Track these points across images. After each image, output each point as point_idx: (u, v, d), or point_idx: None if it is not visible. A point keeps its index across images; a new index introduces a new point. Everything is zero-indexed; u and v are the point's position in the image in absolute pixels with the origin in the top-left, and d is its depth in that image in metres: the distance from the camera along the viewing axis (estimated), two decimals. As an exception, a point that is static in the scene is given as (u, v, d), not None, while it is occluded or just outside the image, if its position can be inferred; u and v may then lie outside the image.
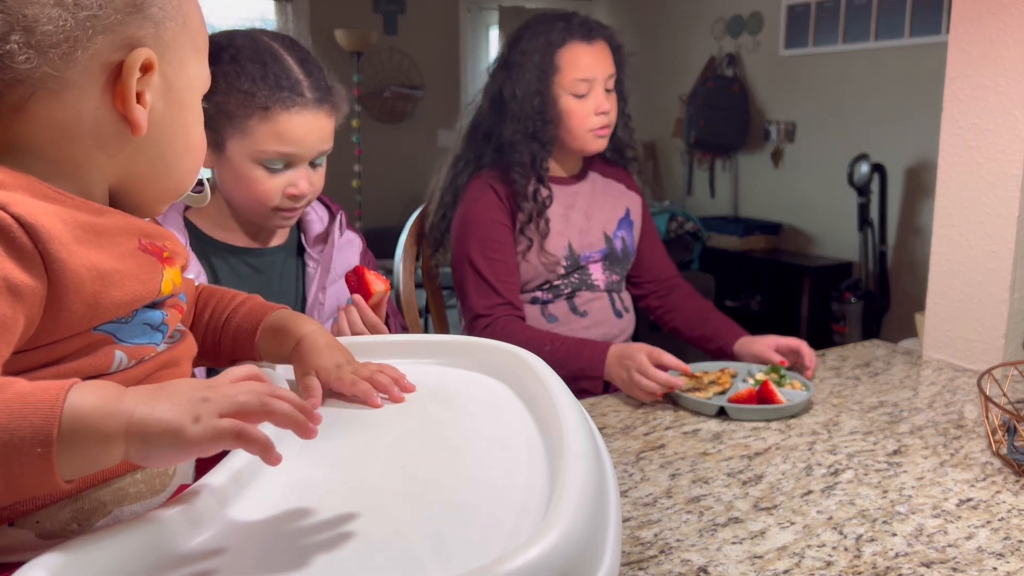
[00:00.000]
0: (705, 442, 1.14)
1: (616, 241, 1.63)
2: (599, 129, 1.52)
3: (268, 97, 1.03)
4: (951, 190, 1.50)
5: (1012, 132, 1.38)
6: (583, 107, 1.49)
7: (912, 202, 3.67)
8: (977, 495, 0.97)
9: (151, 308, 0.64)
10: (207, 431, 0.48)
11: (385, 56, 4.85)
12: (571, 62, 1.48)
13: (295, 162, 1.08)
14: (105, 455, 0.48)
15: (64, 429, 0.46)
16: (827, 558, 0.83)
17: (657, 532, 0.88)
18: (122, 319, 0.61)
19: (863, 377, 1.44)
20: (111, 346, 0.60)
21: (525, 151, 1.50)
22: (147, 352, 0.64)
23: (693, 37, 4.72)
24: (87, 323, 0.58)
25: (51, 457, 0.45)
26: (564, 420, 0.62)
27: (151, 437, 0.48)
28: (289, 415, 0.52)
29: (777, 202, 4.31)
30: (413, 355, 0.86)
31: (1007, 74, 1.38)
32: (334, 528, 0.53)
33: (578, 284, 1.59)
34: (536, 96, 1.49)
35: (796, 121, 4.20)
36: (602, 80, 1.50)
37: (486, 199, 1.52)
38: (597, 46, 1.51)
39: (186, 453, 0.49)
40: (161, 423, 0.48)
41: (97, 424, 0.47)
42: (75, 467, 0.47)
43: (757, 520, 0.91)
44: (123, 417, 0.48)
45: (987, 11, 1.39)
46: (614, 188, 1.68)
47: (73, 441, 0.46)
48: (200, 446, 0.49)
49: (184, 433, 0.48)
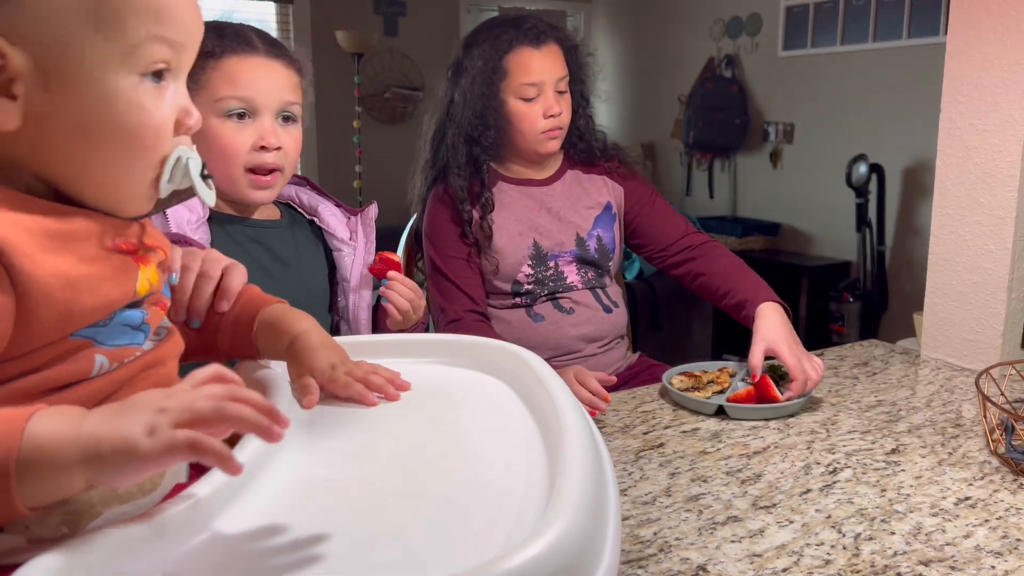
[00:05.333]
0: (704, 441, 1.14)
1: (590, 241, 1.63)
2: (549, 131, 1.54)
3: (218, 46, 1.07)
4: (949, 190, 1.50)
5: (1009, 132, 1.39)
6: (532, 110, 1.52)
7: (910, 202, 3.67)
8: (975, 494, 0.98)
9: (130, 308, 0.62)
10: (159, 444, 0.47)
11: (386, 57, 4.86)
12: (518, 66, 1.51)
13: (255, 110, 1.09)
14: (66, 482, 0.47)
15: (21, 461, 0.46)
16: (826, 556, 0.83)
17: (656, 530, 0.89)
18: (100, 322, 0.59)
19: (861, 376, 1.44)
20: (91, 350, 0.59)
21: (464, 154, 1.53)
22: (130, 353, 0.62)
23: (692, 38, 4.72)
24: (61, 331, 0.57)
25: (10, 490, 0.45)
26: (564, 419, 0.62)
27: (105, 456, 0.47)
28: (248, 419, 0.50)
29: (776, 202, 4.31)
30: (413, 355, 0.86)
31: (1005, 75, 1.38)
32: (334, 527, 0.53)
33: (555, 287, 1.59)
34: (479, 100, 1.51)
35: (794, 122, 4.20)
36: (551, 83, 1.52)
37: (441, 200, 1.57)
38: (546, 49, 1.52)
39: (143, 469, 0.48)
40: (113, 440, 0.47)
41: (53, 454, 0.46)
42: (37, 496, 0.47)
43: (756, 519, 0.91)
44: (79, 443, 0.47)
45: (985, 12, 1.40)
46: (592, 185, 1.67)
47: (30, 472, 0.46)
48: (155, 460, 0.47)
49: (138, 449, 0.47)
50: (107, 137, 0.59)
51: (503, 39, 1.51)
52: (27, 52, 0.55)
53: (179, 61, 0.63)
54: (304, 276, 1.19)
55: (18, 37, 0.55)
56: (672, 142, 4.90)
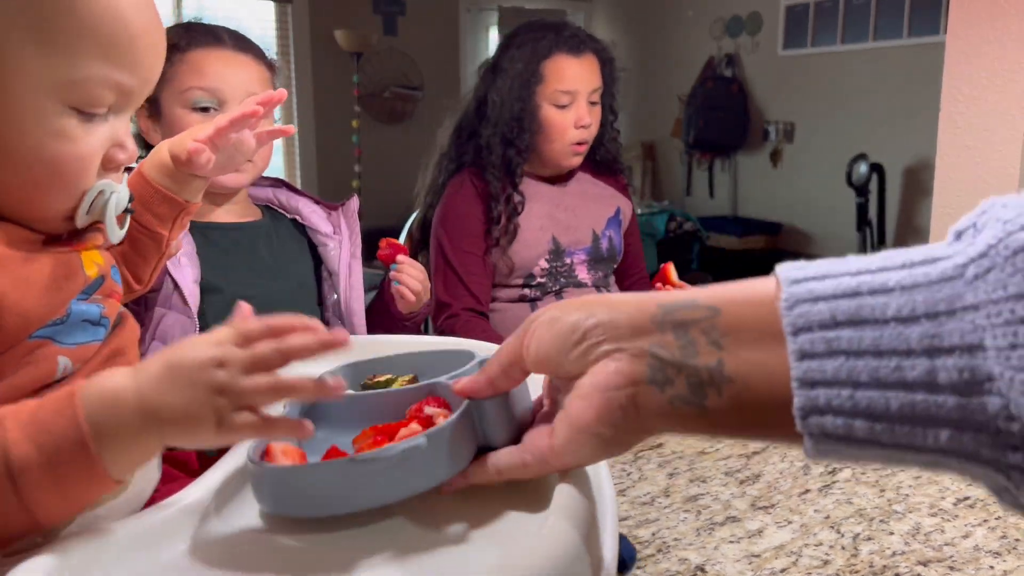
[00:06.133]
0: (703, 441, 1.14)
1: (603, 240, 1.64)
2: (577, 144, 1.55)
3: (183, 39, 1.07)
4: (949, 189, 1.50)
5: (1009, 131, 1.38)
6: (564, 118, 1.52)
7: (910, 201, 3.67)
8: (974, 494, 0.97)
9: (85, 303, 0.60)
10: (226, 434, 0.46)
11: (385, 57, 4.85)
12: (555, 73, 1.51)
13: (222, 102, 1.09)
14: (141, 442, 0.47)
15: (91, 427, 0.45)
16: (824, 557, 0.83)
17: (655, 531, 0.88)
18: (58, 320, 0.57)
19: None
20: (51, 350, 0.57)
21: (500, 155, 1.54)
22: (90, 352, 0.61)
23: (692, 37, 4.72)
24: (21, 333, 0.55)
25: (92, 459, 0.45)
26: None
27: (166, 425, 0.46)
28: (308, 391, 0.47)
29: (776, 202, 4.31)
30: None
31: (1004, 74, 1.38)
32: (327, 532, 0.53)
33: (565, 283, 1.60)
34: (517, 102, 1.52)
35: (795, 121, 4.20)
36: (585, 93, 1.53)
37: (464, 193, 1.55)
38: (584, 59, 1.53)
39: (202, 445, 0.48)
40: (174, 413, 0.46)
41: (119, 414, 0.46)
42: (118, 463, 0.46)
43: (755, 519, 0.91)
44: (139, 405, 0.46)
45: (985, 12, 1.39)
46: (604, 189, 1.69)
47: (104, 438, 0.45)
48: (217, 443, 0.47)
49: (200, 432, 0.46)
50: (23, 159, 0.54)
51: (542, 44, 1.51)
52: None
53: (126, 102, 0.58)
54: (291, 272, 1.20)
55: None
56: (672, 141, 4.90)
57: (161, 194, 0.74)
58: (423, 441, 0.50)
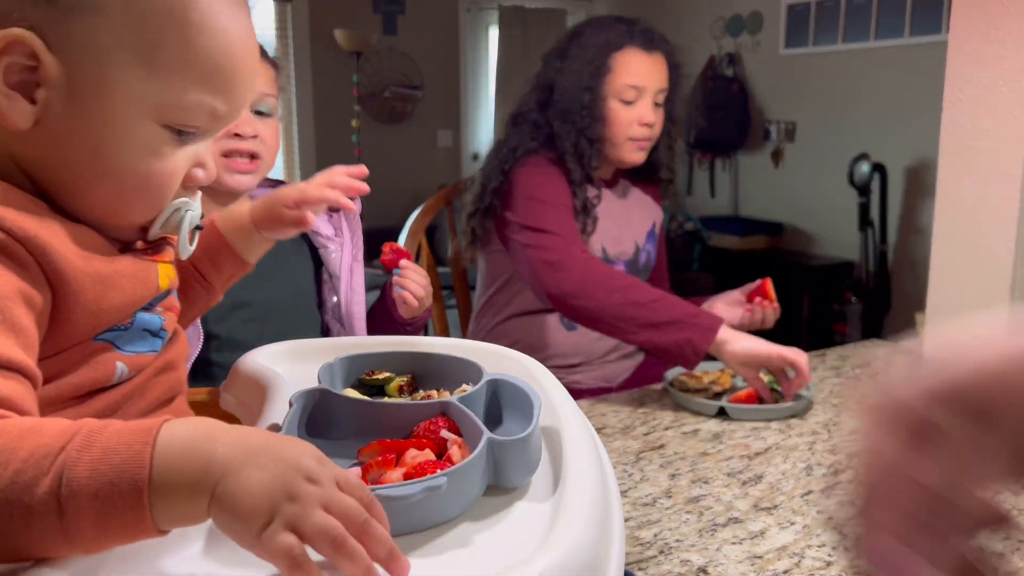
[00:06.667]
0: (705, 442, 1.14)
1: (642, 254, 1.62)
2: (640, 141, 1.50)
3: None
4: (951, 189, 1.49)
5: (1012, 131, 1.38)
6: (628, 114, 1.47)
7: (912, 202, 3.67)
8: (977, 495, 0.97)
9: (148, 312, 0.62)
10: (265, 546, 0.42)
11: (385, 56, 4.85)
12: (624, 66, 1.47)
13: None
14: (194, 505, 0.43)
15: (155, 477, 0.42)
16: (827, 558, 0.83)
17: (657, 532, 0.88)
18: (121, 326, 0.59)
19: (863, 377, 1.44)
20: (112, 355, 0.59)
21: (573, 145, 1.48)
22: (147, 361, 0.63)
23: (693, 36, 4.71)
24: (90, 331, 0.57)
25: (143, 506, 0.42)
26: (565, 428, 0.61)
27: (219, 500, 0.42)
28: (367, 570, 0.42)
29: (777, 202, 4.31)
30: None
31: (1007, 74, 1.38)
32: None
33: None
34: (586, 92, 1.47)
35: (796, 121, 4.20)
36: (652, 92, 1.48)
37: (545, 169, 1.48)
38: (655, 56, 1.49)
39: (239, 542, 0.43)
40: (232, 492, 0.42)
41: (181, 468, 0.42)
42: (166, 514, 0.43)
43: (757, 520, 0.91)
44: (204, 465, 0.42)
45: (987, 11, 1.39)
46: (645, 200, 1.66)
47: (160, 488, 0.42)
48: (250, 549, 0.43)
49: (247, 533, 0.42)
50: (116, 171, 0.57)
51: (615, 35, 1.47)
52: (63, 64, 0.54)
53: (216, 125, 0.61)
54: (289, 276, 1.20)
55: (60, 48, 0.53)
56: (673, 141, 4.89)
57: (228, 248, 0.77)
58: (443, 481, 0.49)
